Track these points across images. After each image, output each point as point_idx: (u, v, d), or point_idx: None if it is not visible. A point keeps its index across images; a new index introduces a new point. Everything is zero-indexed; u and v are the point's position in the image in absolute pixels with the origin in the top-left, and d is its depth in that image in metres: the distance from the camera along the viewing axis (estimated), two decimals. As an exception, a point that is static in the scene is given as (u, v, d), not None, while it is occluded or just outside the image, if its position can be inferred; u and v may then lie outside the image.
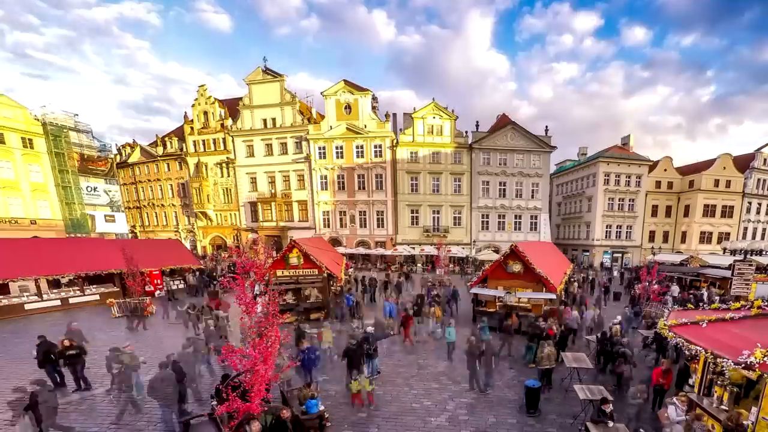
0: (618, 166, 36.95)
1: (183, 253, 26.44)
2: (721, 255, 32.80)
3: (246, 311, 6.00)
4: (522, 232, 36.37)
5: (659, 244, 37.88)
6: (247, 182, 37.93)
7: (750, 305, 7.46)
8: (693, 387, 8.23)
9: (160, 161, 39.87)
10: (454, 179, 36.22)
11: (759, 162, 38.10)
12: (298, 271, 16.64)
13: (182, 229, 40.46)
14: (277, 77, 36.10)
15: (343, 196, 36.57)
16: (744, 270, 18.81)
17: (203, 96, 37.55)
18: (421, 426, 8.00)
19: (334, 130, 35.61)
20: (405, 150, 35.64)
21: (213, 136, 37.91)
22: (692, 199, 37.49)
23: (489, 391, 9.71)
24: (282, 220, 37.72)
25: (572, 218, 41.59)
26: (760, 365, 5.34)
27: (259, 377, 5.90)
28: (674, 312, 8.96)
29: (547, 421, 8.28)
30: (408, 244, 36.05)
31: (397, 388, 9.76)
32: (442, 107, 35.41)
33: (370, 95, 35.66)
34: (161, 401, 7.58)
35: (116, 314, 17.02)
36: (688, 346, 6.96)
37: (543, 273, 14.75)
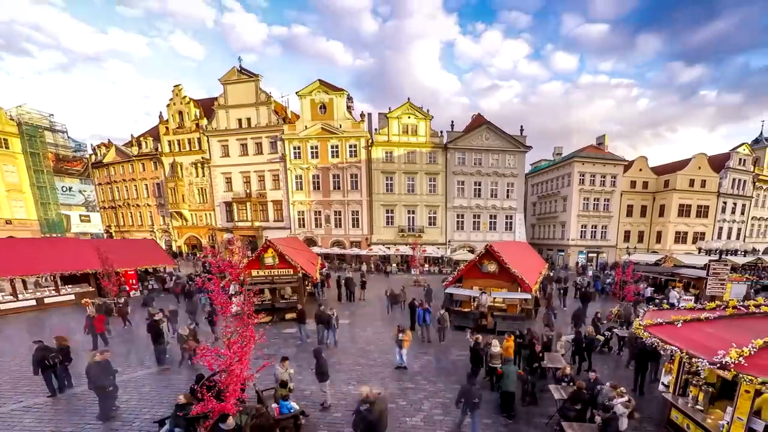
0: (593, 166, 37.01)
1: (158, 253, 26.43)
2: (696, 255, 32.79)
3: (221, 311, 6.03)
4: (497, 232, 36.34)
5: (634, 244, 37.86)
6: (223, 182, 37.79)
7: (725, 305, 7.51)
8: (668, 387, 8.23)
9: (135, 161, 39.69)
10: (429, 179, 36.19)
11: (734, 162, 38.23)
12: (274, 271, 16.66)
13: (157, 229, 40.23)
14: (252, 77, 36.07)
15: (318, 196, 36.48)
16: (719, 270, 18.80)
17: (178, 96, 37.47)
18: (396, 426, 7.93)
19: (309, 130, 35.56)
20: (380, 150, 35.61)
21: (188, 136, 37.80)
22: (667, 198, 37.57)
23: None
24: (257, 220, 37.60)
25: (547, 218, 41.60)
26: (735, 365, 5.36)
27: (234, 377, 5.93)
28: (649, 312, 9.00)
29: (523, 420, 8.30)
30: (383, 244, 35.95)
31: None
32: (416, 107, 35.43)
33: (345, 95, 35.66)
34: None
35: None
36: (663, 346, 6.98)
37: (518, 273, 14.76)
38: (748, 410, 5.70)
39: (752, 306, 6.97)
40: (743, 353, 5.37)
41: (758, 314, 6.67)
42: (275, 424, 6.67)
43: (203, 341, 10.84)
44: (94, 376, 7.90)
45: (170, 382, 9.93)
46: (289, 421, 7.19)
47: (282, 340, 13.63)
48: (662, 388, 8.45)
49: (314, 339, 13.29)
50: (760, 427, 5.74)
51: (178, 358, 11.17)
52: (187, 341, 10.56)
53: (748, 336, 5.75)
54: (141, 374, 10.48)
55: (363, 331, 15.14)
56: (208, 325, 14.09)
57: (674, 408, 7.61)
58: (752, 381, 5.16)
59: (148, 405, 8.69)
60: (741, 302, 7.43)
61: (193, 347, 9.58)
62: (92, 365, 7.99)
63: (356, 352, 12.51)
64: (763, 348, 5.39)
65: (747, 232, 40.27)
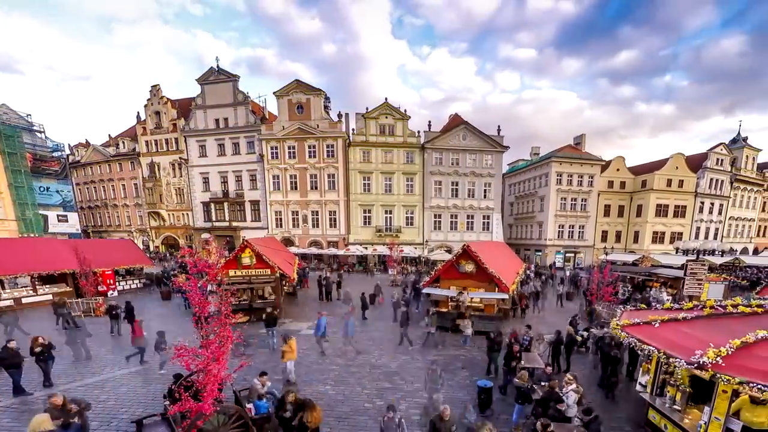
0: (570, 166, 37.13)
1: (135, 253, 26.39)
2: (674, 255, 32.90)
3: (198, 311, 5.99)
4: (474, 232, 36.37)
5: (612, 243, 38.01)
6: (200, 182, 37.70)
7: (702, 305, 7.51)
8: (645, 387, 8.22)
9: (113, 161, 39.58)
10: (407, 179, 36.23)
11: (712, 162, 38.43)
12: (251, 271, 16.65)
13: (135, 229, 40.09)
14: (230, 77, 36.08)
15: (295, 196, 36.43)
16: (696, 270, 18.78)
17: (156, 96, 37.42)
18: (374, 426, 7.87)
19: (286, 130, 35.54)
20: (357, 150, 35.64)
21: (166, 136, 37.73)
22: (645, 198, 37.70)
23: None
24: (235, 220, 37.51)
25: (525, 218, 41.66)
26: (713, 365, 5.33)
27: (212, 377, 5.90)
28: (627, 312, 9.00)
29: (500, 420, 8.22)
30: (360, 244, 35.91)
31: (350, 388, 9.69)
32: (394, 107, 35.51)
33: (323, 95, 35.69)
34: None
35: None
36: (640, 346, 6.95)
37: (495, 273, 14.79)
38: (725, 410, 5.70)
39: (730, 306, 6.96)
40: (721, 353, 5.36)
41: (735, 314, 6.66)
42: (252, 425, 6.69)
43: (181, 341, 10.72)
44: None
45: (147, 382, 9.90)
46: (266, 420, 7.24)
47: (260, 340, 13.58)
48: (640, 388, 8.44)
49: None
50: (738, 427, 5.73)
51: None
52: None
53: (725, 336, 5.74)
54: (119, 374, 10.45)
55: (340, 330, 15.00)
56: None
57: (652, 408, 7.62)
58: (730, 381, 5.14)
59: (125, 405, 8.68)
60: (718, 302, 7.43)
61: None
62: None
63: (333, 352, 12.44)
64: (741, 348, 5.39)
65: (724, 232, 40.42)
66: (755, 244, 43.25)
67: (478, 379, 9.30)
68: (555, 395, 7.31)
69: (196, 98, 36.75)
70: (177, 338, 12.43)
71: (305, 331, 14.67)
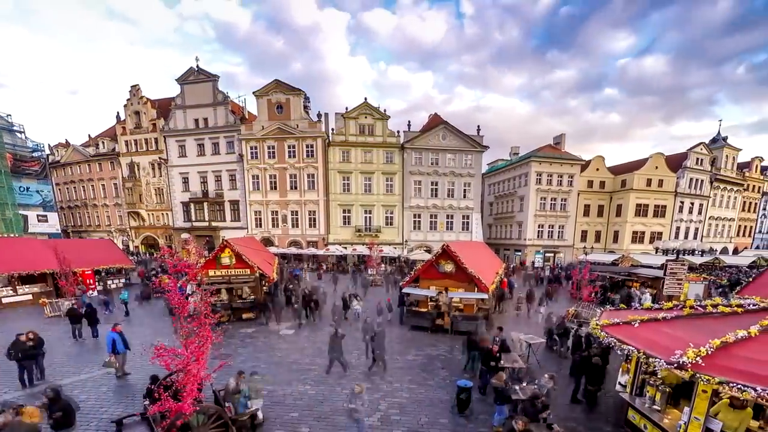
0: (550, 166, 37.18)
1: (115, 253, 26.47)
2: (654, 254, 32.99)
3: (178, 311, 6.00)
4: (454, 232, 36.39)
5: (591, 243, 38.08)
6: (180, 182, 37.62)
7: (682, 305, 7.48)
8: (625, 387, 8.18)
9: (93, 161, 39.48)
10: (386, 179, 36.23)
11: (692, 161, 38.55)
12: (231, 271, 16.65)
13: (114, 229, 39.98)
14: (209, 77, 36.04)
15: (275, 196, 36.39)
16: (676, 269, 18.47)
17: (136, 96, 37.36)
18: (353, 426, 7.84)
19: (266, 129, 35.50)
20: (337, 150, 35.64)
21: (145, 136, 37.67)
22: (624, 198, 37.79)
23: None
24: (214, 220, 37.44)
25: (504, 218, 41.70)
26: (692, 365, 5.31)
27: (191, 377, 5.90)
28: (606, 312, 8.95)
29: (479, 421, 8.19)
30: (340, 243, 35.87)
31: (329, 388, 9.66)
32: (374, 107, 35.53)
33: (303, 95, 35.68)
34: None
35: (49, 314, 17.06)
36: (620, 346, 6.92)
37: (475, 273, 14.74)
38: (705, 410, 5.72)
39: (709, 306, 6.96)
40: (700, 353, 5.35)
41: (715, 314, 6.65)
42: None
43: (160, 341, 10.70)
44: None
45: (128, 383, 9.89)
46: (246, 420, 7.26)
47: (239, 340, 13.57)
48: (619, 388, 8.41)
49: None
50: (717, 427, 5.73)
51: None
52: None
53: (705, 336, 5.74)
54: (99, 374, 10.40)
55: (320, 330, 15.00)
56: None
57: (631, 408, 7.60)
58: (709, 381, 5.13)
59: (105, 405, 8.67)
60: (698, 302, 7.41)
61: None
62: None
63: (313, 351, 12.40)
64: (720, 348, 5.40)
65: (704, 232, 40.54)
66: (735, 243, 43.40)
67: (457, 379, 9.26)
68: (541, 398, 7.21)
69: (175, 98, 36.69)
70: (157, 338, 12.69)
71: (284, 331, 14.76)
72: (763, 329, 5.47)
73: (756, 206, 45.30)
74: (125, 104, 37.65)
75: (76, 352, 12.29)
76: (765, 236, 47.69)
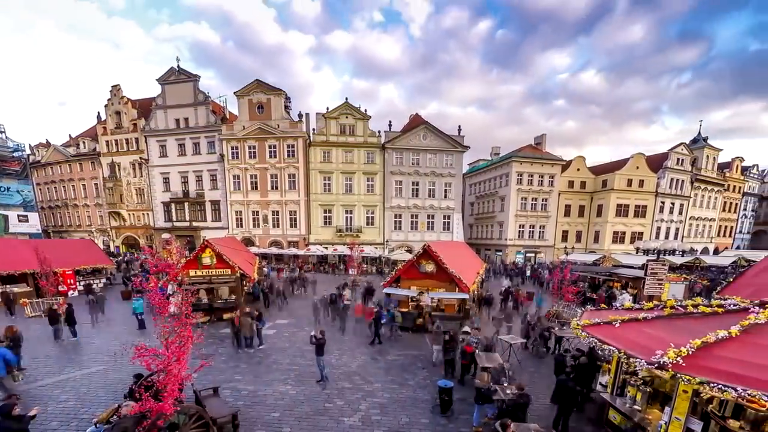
0: (531, 166, 37.32)
1: (96, 253, 26.37)
2: (634, 255, 33.08)
3: (159, 311, 6.01)
4: (435, 232, 36.43)
5: (572, 243, 38.20)
6: (161, 182, 37.53)
7: (663, 305, 7.46)
8: (606, 387, 8.17)
9: (74, 162, 39.35)
10: (367, 179, 36.26)
11: (672, 162, 38.77)
12: (212, 271, 16.62)
13: (95, 229, 39.84)
14: (190, 77, 36.00)
15: (256, 196, 36.34)
16: (657, 270, 18.54)
17: (117, 96, 37.27)
18: (334, 426, 7.90)
19: (247, 130, 35.46)
20: (318, 150, 35.66)
21: (126, 136, 37.58)
22: (605, 198, 37.94)
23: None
24: (195, 220, 37.35)
25: (485, 218, 41.79)
26: (673, 365, 5.29)
27: (172, 377, 5.90)
28: (587, 312, 8.95)
29: (460, 420, 8.19)
30: (321, 244, 35.85)
31: (310, 388, 9.66)
32: (354, 107, 35.58)
33: (284, 95, 35.69)
34: None
35: (30, 314, 17.04)
36: (601, 346, 6.91)
37: (456, 273, 14.77)
38: (686, 410, 5.71)
39: (690, 306, 6.94)
40: (681, 353, 5.34)
41: (696, 314, 6.63)
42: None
43: (140, 341, 10.76)
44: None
45: (108, 383, 9.87)
46: (227, 420, 7.28)
47: (219, 340, 13.55)
48: (600, 388, 8.41)
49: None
50: (698, 427, 5.75)
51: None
52: None
53: (686, 336, 5.72)
54: (79, 374, 10.41)
55: (301, 330, 15.00)
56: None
57: (612, 408, 7.58)
58: (690, 381, 5.12)
59: (86, 405, 8.66)
60: (679, 302, 7.39)
61: None
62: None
63: (294, 352, 12.42)
64: (701, 348, 5.38)
65: (685, 232, 40.75)
66: (716, 244, 43.63)
67: (438, 379, 9.23)
68: (525, 397, 7.24)
69: (156, 98, 36.62)
70: (137, 339, 12.78)
71: (265, 332, 14.60)
72: (743, 329, 5.46)
73: (736, 206, 45.58)
74: (106, 104, 37.56)
75: (56, 353, 12.24)
76: (746, 236, 48.01)
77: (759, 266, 10.94)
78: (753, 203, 48.17)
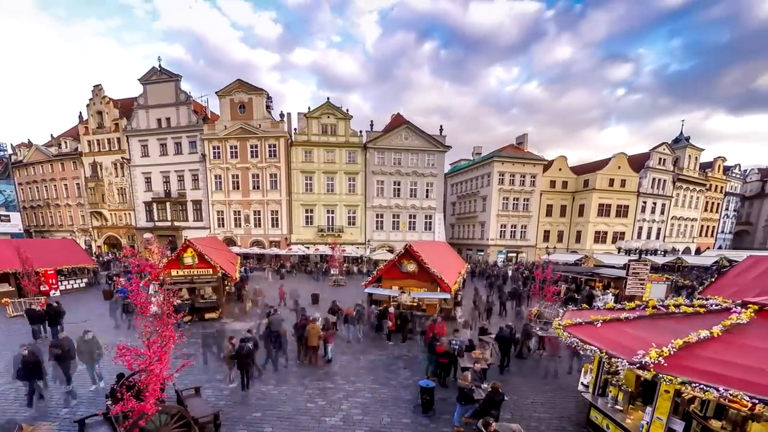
0: (513, 166, 37.41)
1: (78, 252, 26.32)
2: (616, 254, 33.17)
3: (140, 311, 6.04)
4: (416, 232, 36.49)
5: (554, 243, 38.28)
6: (142, 182, 37.47)
7: (645, 305, 7.48)
8: (587, 387, 8.17)
9: (55, 161, 39.28)
10: (349, 179, 36.30)
11: (654, 161, 38.93)
12: (193, 271, 16.62)
13: (77, 229, 39.76)
14: (172, 77, 35.97)
15: (237, 196, 36.33)
16: (639, 270, 18.73)
17: (98, 96, 37.23)
18: (316, 426, 7.89)
19: (228, 129, 35.45)
20: (300, 150, 35.68)
21: (108, 135, 37.52)
22: (587, 198, 38.07)
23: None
24: (177, 219, 37.32)
25: (467, 218, 41.88)
26: (655, 365, 5.30)
27: (154, 377, 5.92)
28: (569, 312, 8.98)
29: (442, 420, 8.21)
30: (302, 243, 35.87)
31: (292, 388, 9.64)
32: (336, 107, 35.62)
33: (265, 95, 35.71)
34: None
35: (12, 313, 16.95)
36: (582, 346, 6.90)
37: (437, 273, 14.79)
38: (667, 410, 5.72)
39: (672, 306, 6.97)
40: (663, 353, 5.35)
41: (678, 314, 6.66)
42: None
43: (122, 341, 10.56)
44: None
45: (89, 382, 9.74)
46: (209, 419, 7.28)
47: (200, 339, 13.15)
48: (582, 388, 8.41)
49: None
50: (680, 427, 5.76)
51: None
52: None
53: (668, 336, 5.74)
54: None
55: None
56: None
57: (594, 408, 7.59)
58: (672, 381, 5.13)
59: (68, 404, 8.64)
60: (661, 302, 7.42)
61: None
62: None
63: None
64: (683, 348, 5.39)
65: (667, 232, 40.91)
66: (697, 243, 43.82)
67: (420, 379, 9.22)
68: (499, 396, 7.27)
69: (138, 98, 36.59)
70: (119, 338, 12.64)
71: (245, 333, 14.42)
72: (725, 329, 5.49)
73: (718, 206, 45.81)
74: (88, 104, 37.50)
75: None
76: (728, 236, 48.26)
77: (740, 266, 11.12)
78: (735, 203, 48.43)
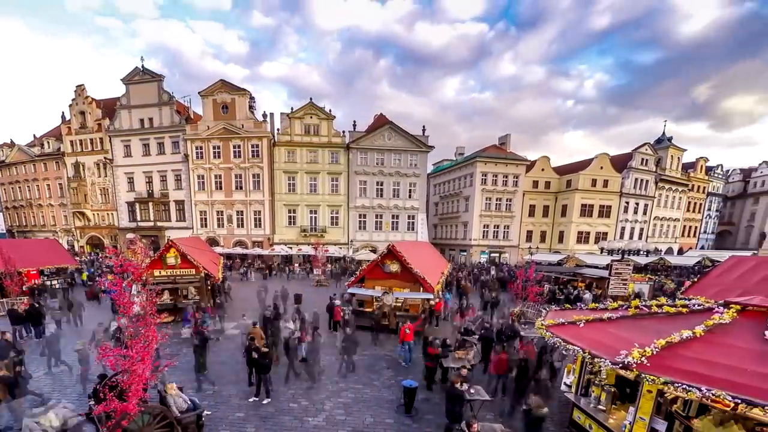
0: (495, 166, 37.55)
1: (60, 252, 26.13)
2: (599, 255, 33.31)
3: (123, 311, 6.05)
4: (399, 232, 36.56)
5: (537, 243, 38.39)
6: (125, 182, 37.45)
7: (627, 305, 7.49)
8: (570, 387, 8.17)
9: (38, 161, 39.19)
10: (332, 179, 36.34)
11: (637, 162, 39.14)
12: (176, 271, 16.58)
13: (60, 229, 39.65)
14: (155, 77, 35.97)
15: (220, 196, 36.34)
16: (621, 270, 18.63)
17: (81, 96, 37.17)
18: (299, 426, 7.87)
19: (211, 130, 35.46)
20: (282, 150, 35.71)
21: (91, 136, 37.46)
22: (570, 198, 38.24)
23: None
24: (159, 220, 37.28)
25: (450, 218, 42.00)
26: (638, 365, 5.29)
27: (137, 377, 5.92)
28: (552, 312, 8.97)
29: (425, 421, 8.19)
30: (285, 243, 35.88)
31: (274, 388, 9.57)
32: (319, 107, 35.69)
33: (248, 95, 35.76)
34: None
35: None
36: (565, 346, 6.90)
37: (420, 273, 14.76)
38: (650, 410, 5.73)
39: (654, 306, 6.99)
40: (646, 353, 5.34)
41: (661, 314, 6.67)
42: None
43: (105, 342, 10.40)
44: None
45: (73, 383, 9.81)
46: (191, 420, 7.22)
47: (183, 340, 13.32)
48: (564, 388, 8.38)
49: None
50: (663, 427, 5.76)
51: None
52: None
53: (650, 336, 5.73)
54: (43, 374, 10.37)
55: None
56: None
57: (576, 408, 7.59)
58: (654, 381, 5.12)
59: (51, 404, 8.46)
60: (643, 302, 7.45)
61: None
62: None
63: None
64: (665, 348, 5.39)
65: (649, 232, 41.13)
66: (680, 244, 44.08)
67: (402, 379, 9.18)
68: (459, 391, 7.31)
69: (120, 98, 36.56)
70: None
71: (231, 331, 14.56)
72: (708, 329, 5.49)
73: (701, 206, 46.11)
74: (70, 104, 37.44)
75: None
76: (710, 236, 48.59)
77: (723, 266, 11.21)
78: (717, 203, 48.78)
